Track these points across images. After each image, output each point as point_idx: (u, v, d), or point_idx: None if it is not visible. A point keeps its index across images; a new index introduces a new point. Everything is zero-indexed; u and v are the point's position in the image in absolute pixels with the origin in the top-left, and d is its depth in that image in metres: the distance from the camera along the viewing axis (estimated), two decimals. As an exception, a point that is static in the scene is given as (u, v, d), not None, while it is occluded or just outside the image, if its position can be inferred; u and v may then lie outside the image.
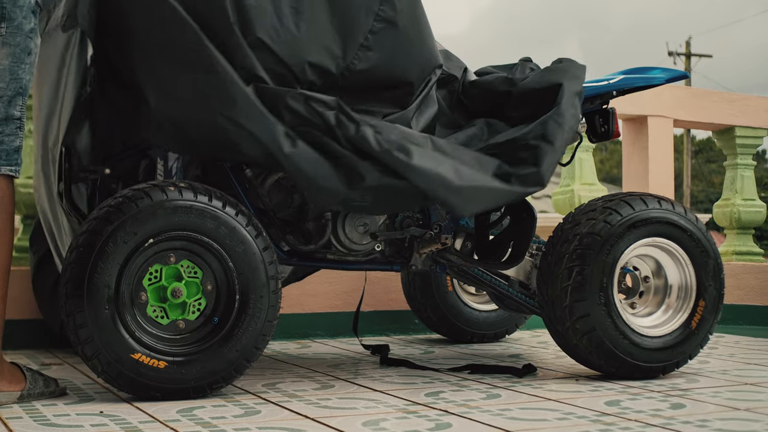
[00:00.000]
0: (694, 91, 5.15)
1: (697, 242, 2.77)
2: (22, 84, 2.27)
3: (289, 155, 2.34)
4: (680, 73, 3.08)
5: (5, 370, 2.30)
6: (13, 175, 2.28)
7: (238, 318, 2.36)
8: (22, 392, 2.30)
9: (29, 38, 2.27)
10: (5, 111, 2.25)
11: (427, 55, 2.64)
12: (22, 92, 2.28)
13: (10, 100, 2.25)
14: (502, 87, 2.86)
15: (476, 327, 3.64)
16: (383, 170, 2.39)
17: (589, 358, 2.70)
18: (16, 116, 2.27)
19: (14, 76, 2.25)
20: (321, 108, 2.39)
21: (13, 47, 2.24)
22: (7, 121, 2.25)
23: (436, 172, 2.41)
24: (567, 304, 2.65)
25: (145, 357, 2.27)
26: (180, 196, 2.32)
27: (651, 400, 2.40)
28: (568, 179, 4.74)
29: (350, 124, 2.40)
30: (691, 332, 2.76)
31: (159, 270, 2.35)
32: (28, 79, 2.29)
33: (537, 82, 2.79)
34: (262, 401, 2.34)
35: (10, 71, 2.24)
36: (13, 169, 2.27)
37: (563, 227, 2.76)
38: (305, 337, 3.78)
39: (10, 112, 2.26)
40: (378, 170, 2.39)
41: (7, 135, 2.26)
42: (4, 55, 2.23)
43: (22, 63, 2.26)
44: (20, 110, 2.28)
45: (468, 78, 2.97)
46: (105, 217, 2.27)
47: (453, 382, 2.66)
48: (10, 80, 2.24)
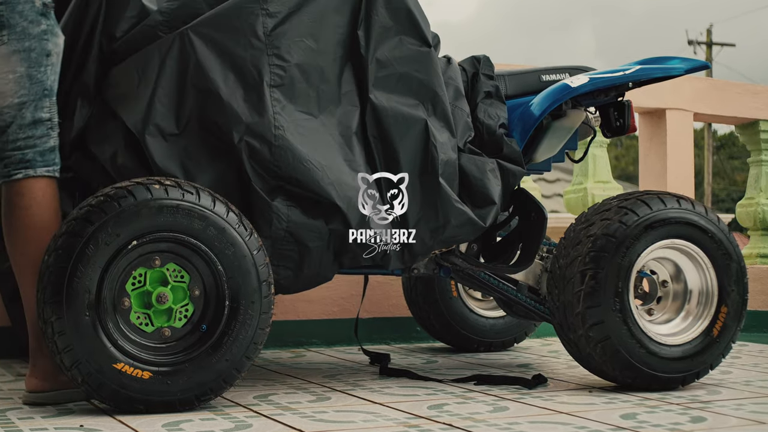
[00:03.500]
0: (715, 82, 5.16)
1: (719, 244, 2.77)
2: (46, 86, 2.39)
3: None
4: (701, 63, 3.08)
5: (38, 365, 2.41)
6: (52, 175, 2.40)
7: (228, 325, 2.36)
8: (51, 392, 2.40)
9: (44, 40, 2.38)
10: (32, 116, 2.37)
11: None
12: (48, 94, 2.40)
13: (35, 104, 2.38)
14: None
15: (482, 335, 3.64)
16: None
17: (604, 368, 2.70)
18: (45, 118, 2.40)
19: (34, 80, 2.37)
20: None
21: (25, 53, 2.35)
22: (35, 125, 2.38)
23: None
24: (579, 310, 2.66)
25: (129, 367, 2.27)
26: (166, 195, 2.32)
27: (670, 413, 2.40)
28: (580, 177, 4.75)
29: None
30: (712, 340, 2.76)
31: (143, 274, 2.35)
32: (53, 80, 2.41)
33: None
34: (254, 414, 2.34)
35: (29, 76, 2.36)
36: (51, 170, 2.41)
37: (575, 228, 2.77)
38: (300, 346, 3.78)
39: (38, 116, 2.38)
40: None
41: (38, 137, 2.39)
42: (16, 62, 2.35)
43: (41, 66, 2.37)
44: (48, 111, 2.40)
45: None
46: (85, 217, 2.27)
47: (458, 393, 2.67)
48: (31, 85, 2.36)
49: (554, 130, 3.00)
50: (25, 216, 2.37)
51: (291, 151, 2.52)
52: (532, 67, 3.15)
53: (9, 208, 2.39)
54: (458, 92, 2.90)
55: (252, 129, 2.50)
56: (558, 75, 3.09)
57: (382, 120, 2.67)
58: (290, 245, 2.56)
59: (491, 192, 2.79)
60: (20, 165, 2.37)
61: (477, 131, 2.89)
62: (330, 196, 2.56)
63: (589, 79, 2.95)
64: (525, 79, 3.08)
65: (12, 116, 2.36)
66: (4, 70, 2.34)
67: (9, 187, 2.39)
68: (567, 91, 2.92)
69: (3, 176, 2.39)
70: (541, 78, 3.09)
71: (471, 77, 3.00)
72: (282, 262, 2.58)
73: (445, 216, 2.71)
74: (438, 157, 2.70)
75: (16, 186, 2.38)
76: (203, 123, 2.50)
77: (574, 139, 3.15)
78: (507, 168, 2.84)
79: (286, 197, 2.54)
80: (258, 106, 2.52)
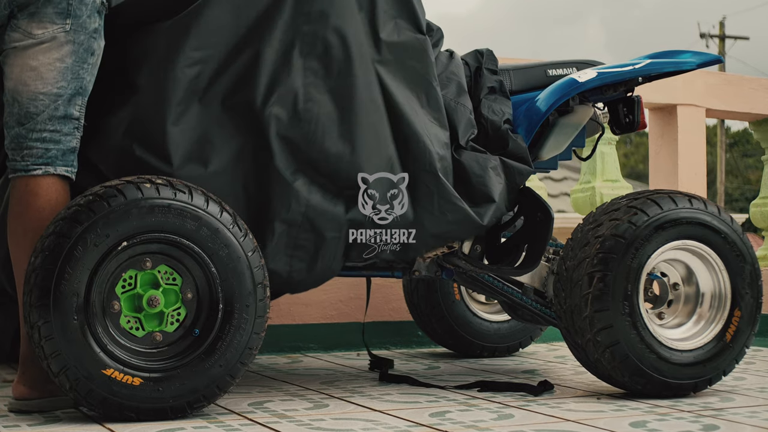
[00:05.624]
0: (728, 77, 5.15)
1: (732, 245, 2.77)
2: (83, 84, 2.43)
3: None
4: (713, 57, 3.08)
5: (27, 372, 2.41)
6: (69, 176, 2.42)
7: (222, 329, 2.36)
8: (38, 400, 2.41)
9: (93, 38, 2.43)
10: (64, 109, 2.40)
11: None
12: (83, 92, 2.43)
13: (70, 98, 2.41)
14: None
15: (486, 340, 3.64)
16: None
17: (612, 374, 2.70)
18: (75, 116, 2.43)
19: (75, 76, 2.40)
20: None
21: (76, 45, 2.40)
22: (65, 120, 2.40)
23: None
24: (587, 314, 2.66)
25: (119, 373, 2.27)
26: (157, 194, 2.32)
27: (681, 420, 2.40)
28: (588, 175, 4.75)
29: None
30: (725, 345, 2.76)
31: (134, 276, 2.35)
32: (89, 80, 2.44)
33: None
34: (249, 422, 2.34)
35: (72, 70, 2.40)
36: (69, 170, 2.43)
37: (583, 229, 2.77)
38: (296, 351, 3.78)
39: (69, 111, 2.41)
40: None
41: (65, 134, 2.41)
42: (67, 52, 2.39)
43: (84, 63, 2.42)
44: (79, 110, 2.44)
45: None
46: (73, 218, 2.27)
47: (460, 400, 2.67)
48: (72, 79, 2.40)
49: (561, 126, 3.00)
50: (38, 219, 2.36)
51: (321, 126, 2.57)
52: (538, 62, 3.15)
53: (21, 208, 2.38)
54: (461, 88, 2.90)
55: (280, 98, 2.55)
56: (565, 69, 3.09)
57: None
58: (306, 234, 2.58)
59: (491, 190, 2.79)
60: (41, 160, 2.38)
61: (481, 127, 2.89)
62: (355, 182, 2.60)
63: (597, 74, 2.95)
64: (531, 73, 3.08)
65: (45, 105, 2.38)
66: (54, 57, 2.37)
67: (24, 184, 2.38)
68: (574, 86, 2.92)
69: (20, 170, 2.39)
70: (547, 72, 3.09)
71: (474, 72, 3.01)
72: (296, 253, 2.58)
73: (442, 212, 2.72)
74: (434, 151, 2.72)
75: (32, 184, 2.38)
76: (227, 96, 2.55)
77: (582, 136, 3.15)
78: (512, 166, 2.84)
79: (309, 179, 2.57)
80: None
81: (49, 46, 2.37)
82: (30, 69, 2.37)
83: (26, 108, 2.38)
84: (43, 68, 2.37)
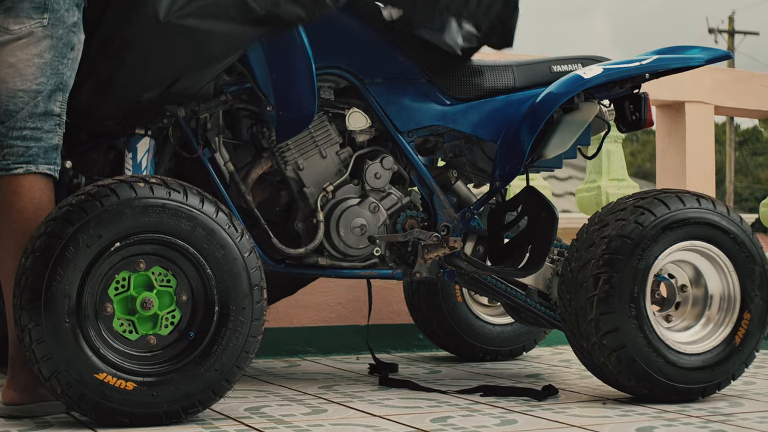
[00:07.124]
0: (738, 73, 5.16)
1: (742, 246, 2.77)
2: (63, 80, 2.42)
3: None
4: (722, 52, 3.08)
5: (17, 377, 2.41)
6: (52, 174, 2.42)
7: (218, 333, 2.36)
8: (28, 405, 2.40)
9: (72, 32, 2.42)
10: (44, 106, 2.39)
11: None
12: (63, 88, 2.43)
13: (50, 95, 2.40)
14: None
15: (489, 343, 3.65)
16: None
17: (619, 378, 2.70)
18: (56, 112, 2.42)
19: (55, 71, 2.39)
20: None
21: (55, 40, 2.38)
22: (46, 117, 2.40)
23: None
24: (593, 317, 2.66)
25: (111, 377, 2.27)
26: (151, 194, 2.32)
27: (689, 426, 2.40)
28: (594, 174, 4.75)
29: None
30: (734, 349, 2.76)
31: (127, 278, 2.35)
32: (69, 75, 2.44)
33: None
34: (245, 428, 2.35)
35: (51, 66, 2.39)
36: (52, 168, 2.42)
37: (588, 229, 2.77)
38: (294, 355, 3.78)
39: (50, 108, 2.40)
40: None
41: (46, 131, 2.40)
42: (45, 47, 2.38)
43: (64, 58, 2.41)
44: (60, 107, 2.43)
45: None
46: (65, 218, 2.27)
47: (462, 405, 2.67)
48: (51, 75, 2.39)
49: (566, 124, 3.00)
50: (21, 220, 2.36)
51: None
52: (542, 57, 3.15)
53: (3, 208, 2.38)
54: None
55: None
56: (570, 65, 3.09)
57: None
58: None
59: None
60: (22, 159, 2.37)
61: None
62: None
63: (603, 70, 2.94)
64: (534, 69, 3.08)
65: (25, 102, 2.37)
66: (32, 52, 2.36)
67: (6, 184, 2.38)
68: (579, 82, 2.91)
69: (1, 169, 2.38)
70: (551, 69, 3.08)
71: None
72: None
73: None
74: None
75: (14, 183, 2.37)
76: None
77: (587, 134, 3.15)
78: None
79: None
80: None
81: (26, 41, 2.35)
82: (8, 65, 2.36)
83: (5, 106, 2.37)
84: (21, 64, 2.35)
